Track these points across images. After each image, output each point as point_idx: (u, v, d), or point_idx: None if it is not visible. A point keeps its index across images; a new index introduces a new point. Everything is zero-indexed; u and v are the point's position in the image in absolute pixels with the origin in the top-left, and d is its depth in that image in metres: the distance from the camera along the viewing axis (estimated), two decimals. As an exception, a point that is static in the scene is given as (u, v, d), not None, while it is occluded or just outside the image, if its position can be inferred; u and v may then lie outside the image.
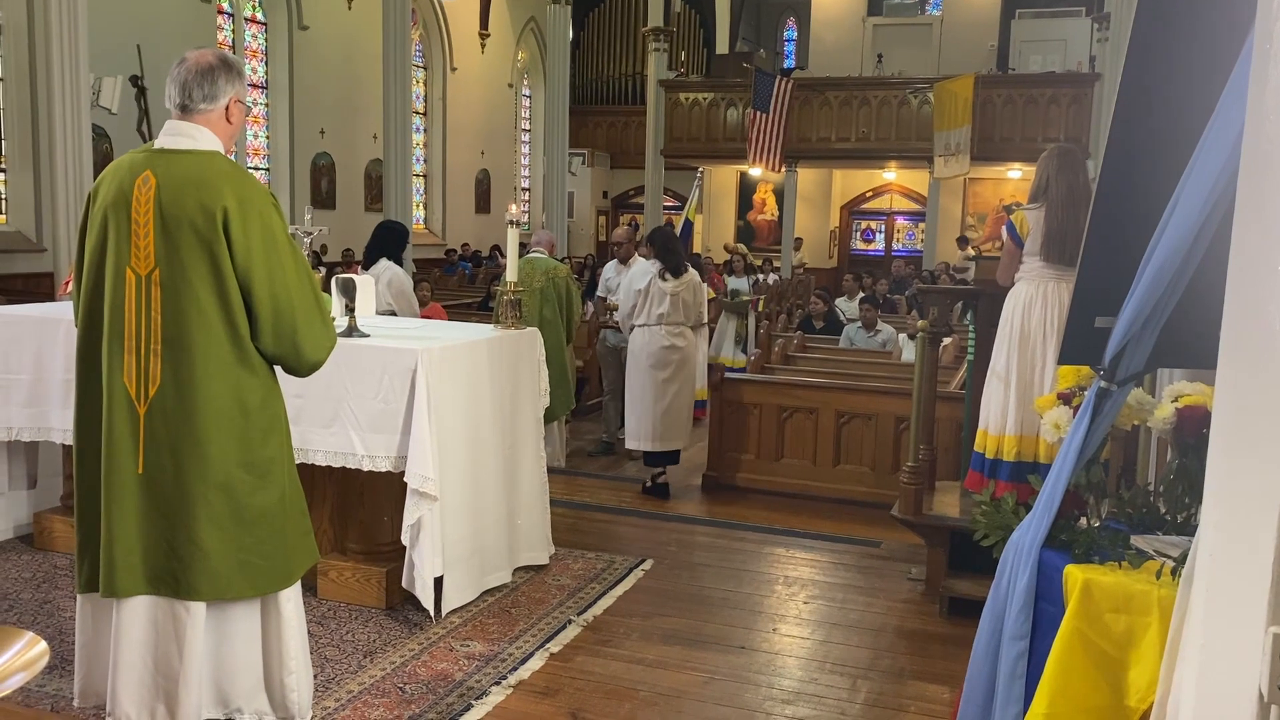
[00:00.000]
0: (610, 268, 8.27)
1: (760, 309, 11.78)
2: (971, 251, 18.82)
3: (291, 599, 3.00)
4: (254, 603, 2.95)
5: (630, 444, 6.58)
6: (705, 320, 7.11)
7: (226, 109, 2.85)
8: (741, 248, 19.93)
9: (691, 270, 6.64)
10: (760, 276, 14.28)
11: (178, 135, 2.81)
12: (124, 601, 2.84)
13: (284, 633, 2.99)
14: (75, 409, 2.93)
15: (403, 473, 3.87)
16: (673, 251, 6.46)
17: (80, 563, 2.91)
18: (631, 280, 6.62)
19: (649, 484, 6.48)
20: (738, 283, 11.86)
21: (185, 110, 2.82)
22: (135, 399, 2.78)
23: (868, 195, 22.61)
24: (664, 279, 6.36)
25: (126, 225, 2.76)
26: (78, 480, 2.90)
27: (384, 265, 6.12)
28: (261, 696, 3.02)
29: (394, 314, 5.96)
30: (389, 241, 6.30)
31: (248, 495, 2.84)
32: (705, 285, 7.43)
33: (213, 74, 2.81)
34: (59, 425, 4.40)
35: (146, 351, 2.76)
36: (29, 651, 1.67)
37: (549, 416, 6.69)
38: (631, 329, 6.50)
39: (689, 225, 10.68)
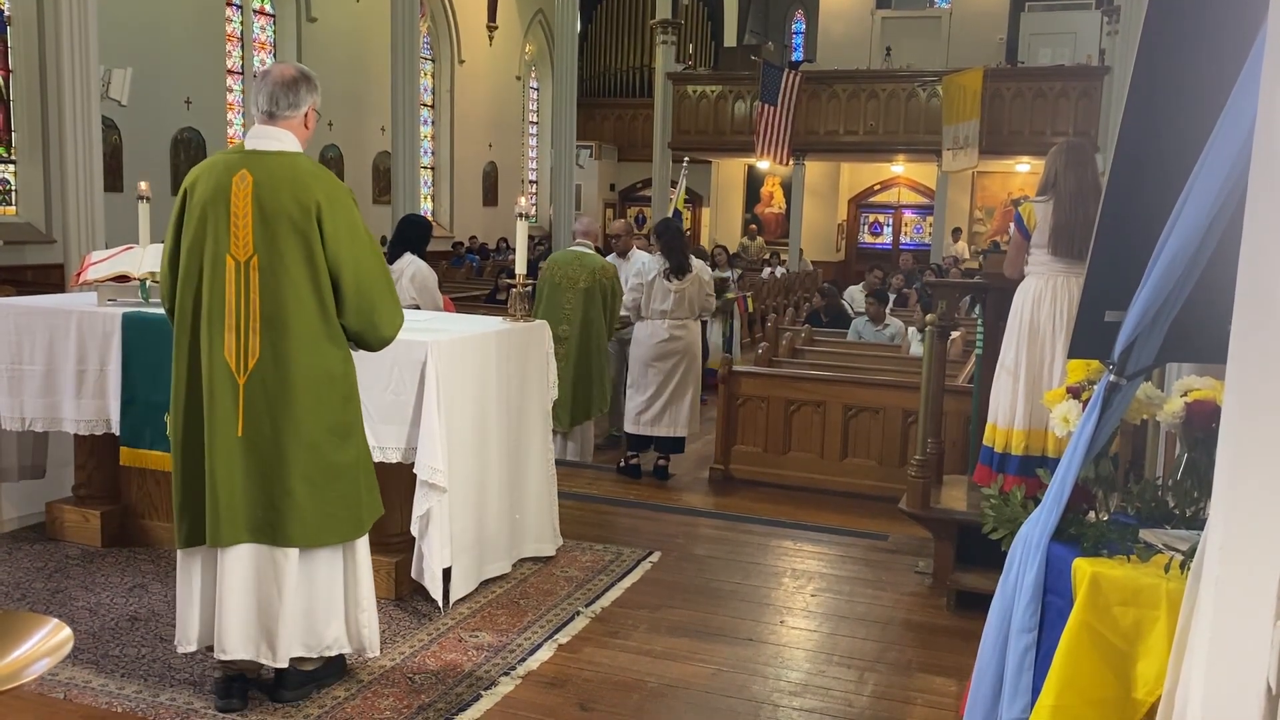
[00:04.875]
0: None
1: (750, 309, 11.51)
2: (961, 245, 18.78)
3: (363, 546, 3.35)
4: (337, 551, 3.28)
5: (627, 427, 6.67)
6: (712, 309, 7.12)
7: (305, 115, 3.23)
8: (759, 241, 19.91)
9: (696, 264, 6.67)
10: (736, 271, 13.76)
11: (266, 138, 3.17)
12: (227, 551, 3.14)
13: (359, 575, 3.34)
14: (173, 384, 3.21)
15: (412, 464, 3.89)
16: (677, 250, 6.48)
17: (180, 521, 3.20)
18: (638, 272, 6.62)
19: (623, 464, 6.61)
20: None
21: (272, 116, 3.18)
22: (235, 371, 3.11)
23: (875, 188, 22.56)
24: (669, 279, 6.38)
25: (225, 218, 3.09)
26: (177, 448, 3.20)
27: (408, 260, 6.13)
28: (343, 634, 3.34)
29: (418, 308, 5.96)
30: (413, 236, 6.34)
31: (332, 454, 3.19)
32: (710, 277, 7.43)
33: (296, 85, 3.19)
34: (70, 415, 4.43)
35: (246, 329, 3.09)
36: (54, 637, 1.69)
37: (585, 414, 6.78)
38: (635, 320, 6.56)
39: (678, 215, 10.53)
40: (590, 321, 6.61)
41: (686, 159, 11.64)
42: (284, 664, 3.20)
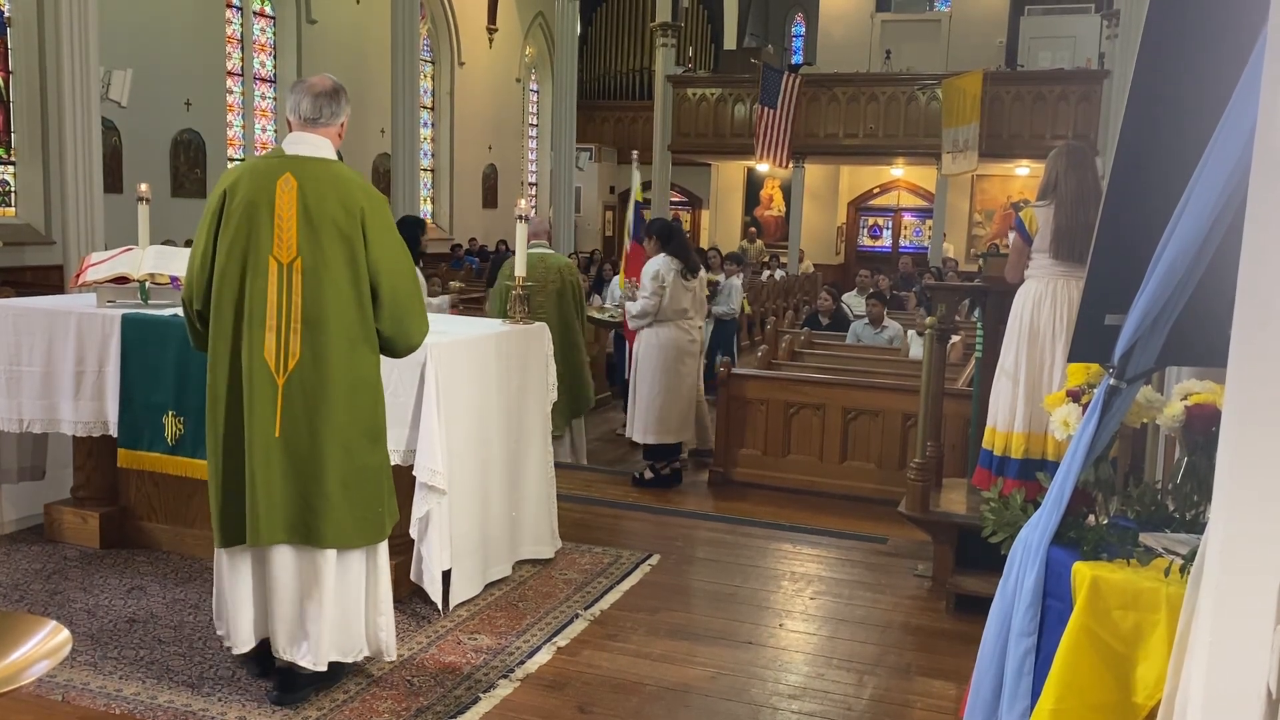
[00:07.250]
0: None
1: (745, 310, 11.46)
2: (945, 245, 18.78)
3: (383, 551, 3.42)
4: (363, 554, 3.34)
5: (646, 438, 6.47)
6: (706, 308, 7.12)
7: (341, 125, 3.35)
8: (759, 244, 19.89)
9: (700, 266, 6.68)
10: (724, 278, 13.55)
11: (306, 145, 3.25)
12: (272, 552, 3.21)
13: (379, 579, 3.40)
14: (209, 384, 3.24)
15: (411, 466, 3.89)
16: (686, 247, 6.46)
17: (220, 521, 3.25)
18: (654, 275, 6.34)
19: (654, 476, 6.46)
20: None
21: (313, 123, 3.28)
22: (275, 371, 3.15)
23: (875, 191, 22.57)
24: (685, 279, 6.35)
25: (269, 220, 3.14)
26: (214, 448, 3.24)
27: None
28: (362, 637, 3.39)
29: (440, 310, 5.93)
30: (405, 236, 6.32)
31: (363, 456, 3.26)
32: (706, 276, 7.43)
33: (337, 95, 3.30)
34: (69, 417, 4.42)
35: (287, 330, 3.14)
36: (52, 640, 1.69)
37: (576, 413, 6.73)
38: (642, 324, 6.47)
39: (639, 206, 10.35)
40: (567, 323, 6.51)
41: (635, 152, 11.36)
42: (323, 667, 3.27)
